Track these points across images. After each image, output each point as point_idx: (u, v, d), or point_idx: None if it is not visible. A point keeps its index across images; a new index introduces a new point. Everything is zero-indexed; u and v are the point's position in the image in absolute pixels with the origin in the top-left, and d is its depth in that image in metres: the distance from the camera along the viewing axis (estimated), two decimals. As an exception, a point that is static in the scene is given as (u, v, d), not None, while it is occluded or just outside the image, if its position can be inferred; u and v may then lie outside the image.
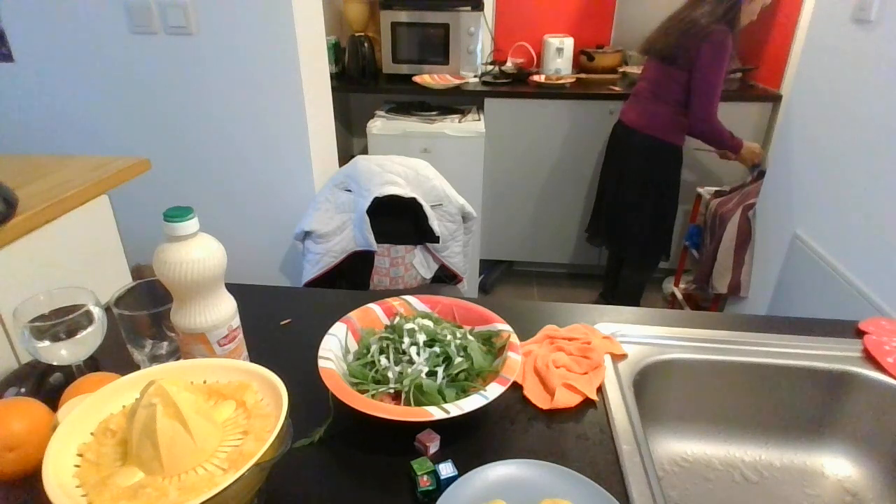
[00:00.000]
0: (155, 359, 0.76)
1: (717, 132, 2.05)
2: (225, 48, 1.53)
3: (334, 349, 0.77)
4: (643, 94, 2.15)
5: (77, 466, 0.54)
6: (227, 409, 0.61)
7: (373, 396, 0.73)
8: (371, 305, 0.87)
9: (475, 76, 2.70)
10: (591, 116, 2.56)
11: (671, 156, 2.17)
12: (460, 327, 0.84)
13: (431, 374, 0.76)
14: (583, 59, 2.83)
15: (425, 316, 0.85)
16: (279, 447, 0.55)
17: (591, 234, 2.61)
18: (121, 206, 1.05)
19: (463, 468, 0.64)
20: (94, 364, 0.80)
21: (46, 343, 0.70)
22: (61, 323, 0.70)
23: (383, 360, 0.77)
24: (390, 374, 0.76)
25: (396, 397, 0.75)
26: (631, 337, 0.90)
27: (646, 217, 2.25)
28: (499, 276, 2.99)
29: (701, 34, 1.91)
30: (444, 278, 1.69)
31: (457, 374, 0.76)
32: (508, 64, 2.85)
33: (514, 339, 0.79)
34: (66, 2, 1.52)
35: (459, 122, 2.44)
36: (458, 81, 2.58)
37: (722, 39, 1.90)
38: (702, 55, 1.93)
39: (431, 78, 2.62)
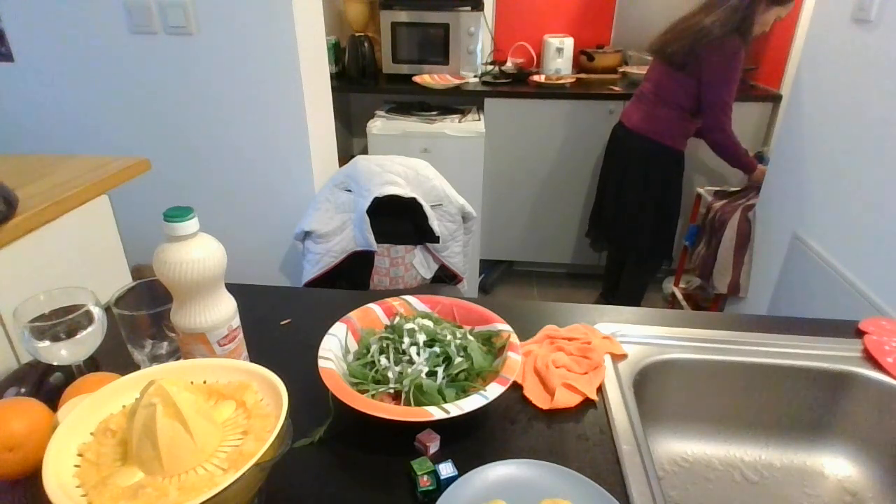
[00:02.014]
0: (155, 359, 0.76)
1: (732, 144, 2.06)
2: (225, 48, 1.53)
3: (334, 349, 0.77)
4: (647, 97, 2.13)
5: (77, 466, 0.54)
6: (227, 409, 0.61)
7: (373, 396, 0.73)
8: (371, 305, 0.87)
9: (475, 76, 2.70)
10: (591, 116, 2.56)
11: (673, 160, 2.16)
12: (460, 327, 0.84)
13: (431, 374, 0.76)
14: (583, 59, 2.83)
15: (425, 316, 0.85)
16: (279, 447, 0.55)
17: (594, 240, 2.61)
18: (121, 206, 1.05)
19: (463, 468, 0.64)
20: (94, 364, 0.80)
21: (46, 343, 0.70)
22: (61, 323, 0.70)
23: (383, 360, 0.77)
24: (390, 374, 0.76)
25: (396, 397, 0.75)
26: (631, 337, 0.90)
27: (648, 221, 2.24)
28: (499, 276, 2.99)
29: (714, 44, 1.88)
30: (444, 278, 1.69)
31: (457, 374, 0.76)
32: (508, 64, 2.85)
33: (514, 339, 0.79)
34: (66, 2, 1.53)
35: (459, 122, 2.44)
36: (458, 81, 2.58)
37: (735, 50, 1.89)
38: (713, 65, 1.91)
39: (431, 78, 2.62)
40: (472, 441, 0.71)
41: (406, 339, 0.79)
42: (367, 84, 2.67)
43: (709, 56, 1.90)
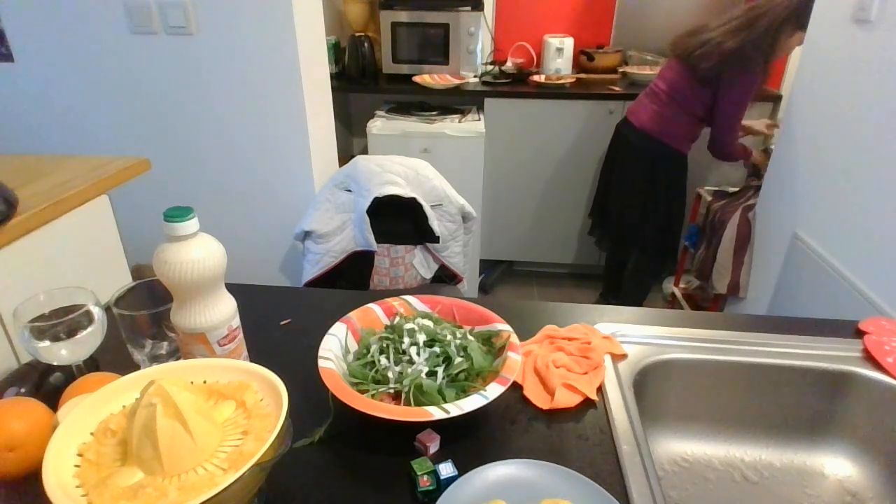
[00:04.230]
0: (155, 359, 0.76)
1: (735, 152, 2.09)
2: (225, 48, 1.53)
3: (334, 349, 0.77)
4: (660, 97, 2.10)
5: (77, 466, 0.54)
6: (227, 409, 0.61)
7: (373, 396, 0.73)
8: (371, 305, 0.87)
9: (475, 76, 2.70)
10: (591, 116, 2.56)
11: (678, 162, 2.16)
12: (460, 327, 0.84)
13: (431, 374, 0.76)
14: (583, 59, 2.83)
15: (425, 316, 0.85)
16: (279, 447, 0.55)
17: (598, 239, 2.60)
18: (121, 206, 1.05)
19: (463, 468, 0.64)
20: (94, 364, 0.80)
21: (46, 343, 0.70)
22: (61, 323, 0.70)
23: (383, 360, 0.77)
24: (390, 374, 0.76)
25: (396, 397, 0.75)
26: (631, 337, 0.90)
27: (653, 223, 2.24)
28: (499, 276, 2.99)
29: (743, 65, 1.89)
30: (444, 278, 1.69)
31: (457, 374, 0.76)
32: (508, 64, 2.85)
33: (514, 339, 0.79)
34: (66, 2, 1.53)
35: (459, 122, 2.44)
36: (458, 81, 2.58)
37: (757, 72, 1.91)
38: (738, 85, 1.92)
39: (431, 78, 2.62)
40: (472, 441, 0.71)
41: (406, 339, 0.79)
42: (367, 84, 2.67)
43: (734, 76, 1.91)
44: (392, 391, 0.75)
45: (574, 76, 2.72)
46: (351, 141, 3.12)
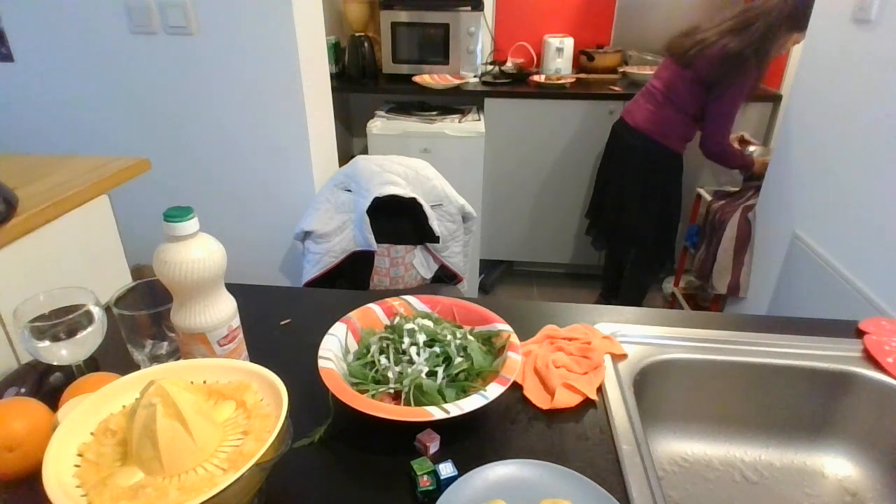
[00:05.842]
0: (155, 359, 0.76)
1: (729, 154, 2.09)
2: (225, 48, 1.53)
3: (334, 349, 0.77)
4: (656, 97, 2.10)
5: (77, 466, 0.54)
6: (227, 409, 0.61)
7: (373, 396, 0.73)
8: (371, 305, 0.87)
9: (475, 76, 2.70)
10: (591, 116, 2.56)
11: (673, 162, 2.16)
12: (460, 327, 0.84)
13: (431, 374, 0.76)
14: (583, 59, 2.83)
15: (425, 316, 0.85)
16: (279, 447, 0.55)
17: (594, 238, 2.61)
18: (121, 206, 1.05)
19: (463, 468, 0.64)
20: (94, 364, 0.80)
21: (46, 343, 0.70)
22: (61, 323, 0.70)
23: (383, 360, 0.77)
24: (390, 374, 0.76)
25: (396, 397, 0.75)
26: (631, 337, 0.90)
27: (650, 222, 2.24)
28: (499, 276, 2.99)
29: (738, 66, 1.89)
30: (444, 278, 1.69)
31: (457, 374, 0.76)
32: (508, 64, 2.85)
33: (514, 339, 0.79)
34: (66, 2, 1.53)
35: (459, 122, 2.44)
36: (458, 81, 2.58)
37: (752, 73, 1.91)
38: (732, 85, 1.93)
39: (431, 78, 2.62)
40: (472, 441, 0.71)
41: (406, 339, 0.79)
42: (367, 84, 2.67)
43: (728, 76, 1.91)
44: (392, 391, 0.75)
45: (574, 76, 2.72)
46: (351, 141, 3.12)
